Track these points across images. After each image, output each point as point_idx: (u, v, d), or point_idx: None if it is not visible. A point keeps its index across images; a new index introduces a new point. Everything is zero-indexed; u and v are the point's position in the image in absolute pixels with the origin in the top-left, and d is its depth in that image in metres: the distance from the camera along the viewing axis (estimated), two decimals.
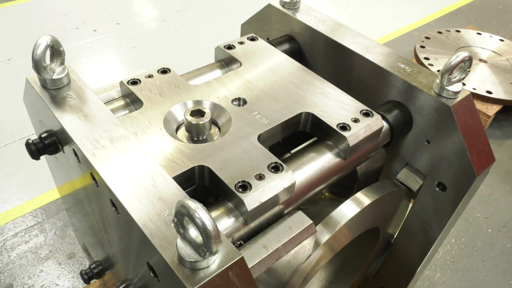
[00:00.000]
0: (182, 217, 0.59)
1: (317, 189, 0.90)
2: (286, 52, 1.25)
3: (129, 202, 0.70)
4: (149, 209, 0.68)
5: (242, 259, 0.63)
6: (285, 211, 0.84)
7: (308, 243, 0.81)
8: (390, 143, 1.05)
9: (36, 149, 0.96)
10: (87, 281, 1.42)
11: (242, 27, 1.43)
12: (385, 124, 1.02)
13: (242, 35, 1.46)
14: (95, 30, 3.44)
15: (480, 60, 3.04)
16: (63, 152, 0.93)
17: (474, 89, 2.72)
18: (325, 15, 1.26)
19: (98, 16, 3.61)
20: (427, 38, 3.21)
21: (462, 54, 0.95)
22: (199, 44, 3.38)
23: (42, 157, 0.98)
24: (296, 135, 1.01)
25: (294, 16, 1.25)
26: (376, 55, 1.11)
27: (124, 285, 1.04)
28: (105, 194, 0.75)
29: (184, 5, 3.87)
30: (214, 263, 0.62)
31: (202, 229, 0.56)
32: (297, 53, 1.27)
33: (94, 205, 0.90)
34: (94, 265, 1.40)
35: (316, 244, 0.88)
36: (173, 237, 0.65)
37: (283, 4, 1.29)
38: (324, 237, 0.89)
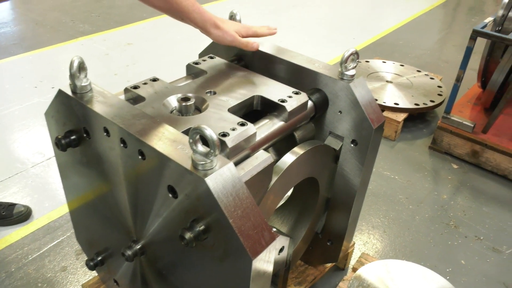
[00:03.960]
0: (195, 136, 1.00)
1: (270, 142, 1.35)
2: None
3: (156, 146, 1.10)
4: (169, 147, 1.09)
5: (232, 164, 1.05)
6: (251, 154, 1.28)
7: (269, 168, 1.25)
8: (315, 116, 1.54)
9: (65, 142, 1.34)
10: (92, 267, 1.73)
11: (199, 55, 1.90)
12: (310, 102, 1.51)
13: None
14: (53, 87, 3.78)
15: (387, 81, 3.73)
16: (89, 138, 1.32)
17: (385, 102, 3.36)
18: (262, 40, 1.77)
19: (54, 75, 3.97)
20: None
21: (350, 50, 1.47)
22: None
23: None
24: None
25: None
26: (299, 60, 1.62)
27: (135, 242, 1.39)
28: (135, 146, 1.14)
29: (132, 60, 4.33)
30: (216, 166, 1.03)
31: (210, 137, 0.98)
32: (244, 67, 1.75)
33: (119, 169, 1.27)
34: (97, 254, 1.72)
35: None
36: (187, 156, 1.05)
37: None
38: (274, 178, 1.33)
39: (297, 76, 1.62)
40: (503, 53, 3.09)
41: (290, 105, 1.38)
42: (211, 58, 1.65)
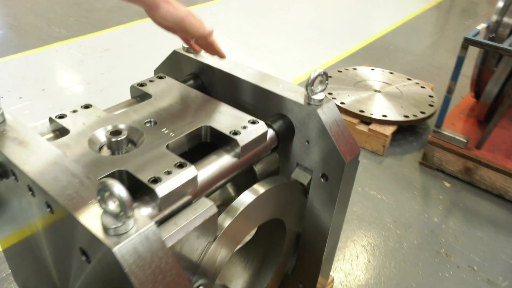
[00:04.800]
0: (103, 193, 0.78)
1: (219, 183, 1.13)
2: (191, 86, 1.50)
3: (62, 198, 0.88)
4: (79, 202, 0.87)
5: (154, 226, 0.83)
6: (193, 201, 1.05)
7: (211, 220, 1.02)
8: (278, 147, 1.31)
9: None
10: None
11: (154, 72, 1.68)
12: (271, 131, 1.29)
13: None
14: (20, 98, 3.54)
15: (375, 90, 3.51)
16: (1, 179, 1.09)
17: (372, 114, 3.14)
18: (229, 55, 1.55)
19: (23, 85, 3.73)
20: (329, 76, 3.66)
21: (318, 70, 1.25)
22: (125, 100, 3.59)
23: None
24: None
25: (196, 58, 1.52)
26: (260, 80, 1.40)
27: None
28: (42, 197, 0.92)
29: (108, 68, 4.09)
30: (132, 229, 0.81)
31: (119, 197, 0.76)
32: (201, 88, 1.53)
33: (34, 218, 1.05)
34: None
35: (221, 228, 1.10)
36: (99, 215, 0.83)
37: (187, 50, 1.56)
38: (227, 222, 1.11)
39: (260, 99, 1.40)
40: (498, 62, 2.88)
41: (243, 139, 1.16)
42: (160, 78, 1.42)
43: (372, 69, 3.85)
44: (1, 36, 4.67)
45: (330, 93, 3.38)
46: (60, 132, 1.19)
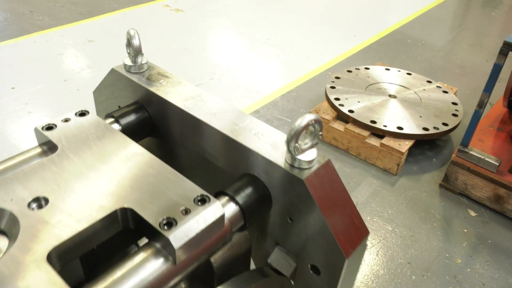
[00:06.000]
0: None
1: None
2: (133, 123, 1.07)
3: None
4: None
5: None
6: None
7: None
8: (246, 226, 0.88)
9: None
10: None
11: (94, 94, 1.25)
12: (234, 206, 0.85)
13: (95, 103, 1.28)
14: None
15: (390, 95, 3.04)
16: None
17: (385, 126, 2.68)
18: (178, 78, 1.11)
19: None
20: (337, 78, 3.19)
21: (307, 117, 0.80)
22: None
23: None
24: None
25: (139, 82, 1.09)
26: (225, 121, 0.96)
27: None
28: None
29: (90, 62, 3.67)
30: None
31: None
32: (147, 123, 1.10)
33: None
34: None
35: None
36: None
37: (128, 69, 1.12)
38: None
39: (223, 149, 0.96)
40: None
41: (180, 235, 0.72)
42: (82, 115, 0.99)
43: (387, 69, 3.37)
44: None
45: (337, 99, 2.92)
46: None
